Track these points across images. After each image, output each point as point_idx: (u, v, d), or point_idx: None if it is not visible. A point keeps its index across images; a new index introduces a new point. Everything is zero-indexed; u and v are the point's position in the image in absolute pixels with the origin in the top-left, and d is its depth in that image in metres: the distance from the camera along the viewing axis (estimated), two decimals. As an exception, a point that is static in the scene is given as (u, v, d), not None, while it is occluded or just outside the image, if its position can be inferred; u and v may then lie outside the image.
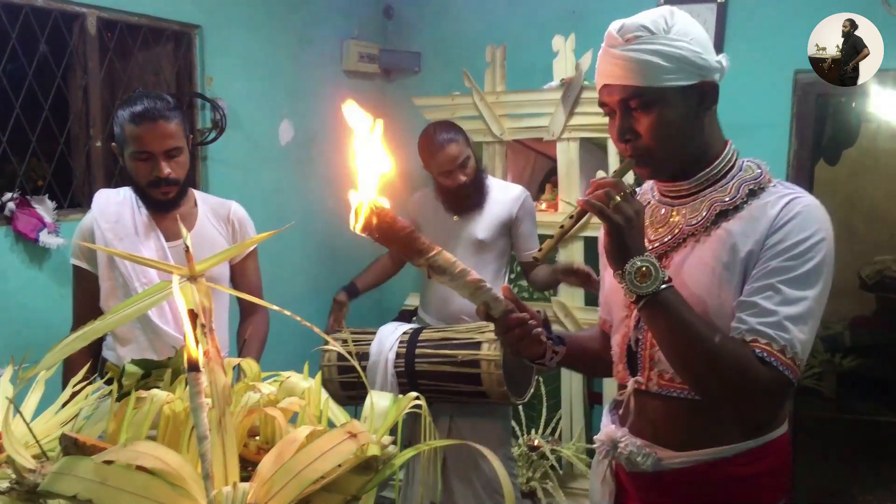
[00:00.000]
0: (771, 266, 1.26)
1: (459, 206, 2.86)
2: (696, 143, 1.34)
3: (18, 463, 0.95)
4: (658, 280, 1.23)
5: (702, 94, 1.31)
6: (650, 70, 1.26)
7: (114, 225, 2.11)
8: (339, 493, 0.91)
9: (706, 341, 1.24)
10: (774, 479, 1.40)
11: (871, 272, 5.59)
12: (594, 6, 3.65)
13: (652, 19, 1.29)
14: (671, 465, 1.38)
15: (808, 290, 1.25)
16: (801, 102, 3.39)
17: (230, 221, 2.26)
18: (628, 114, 1.31)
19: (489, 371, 2.54)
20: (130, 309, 0.97)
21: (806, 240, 1.26)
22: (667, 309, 1.25)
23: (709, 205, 1.34)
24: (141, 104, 2.02)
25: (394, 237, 1.15)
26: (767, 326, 1.23)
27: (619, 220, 1.24)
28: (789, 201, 1.29)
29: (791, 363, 1.22)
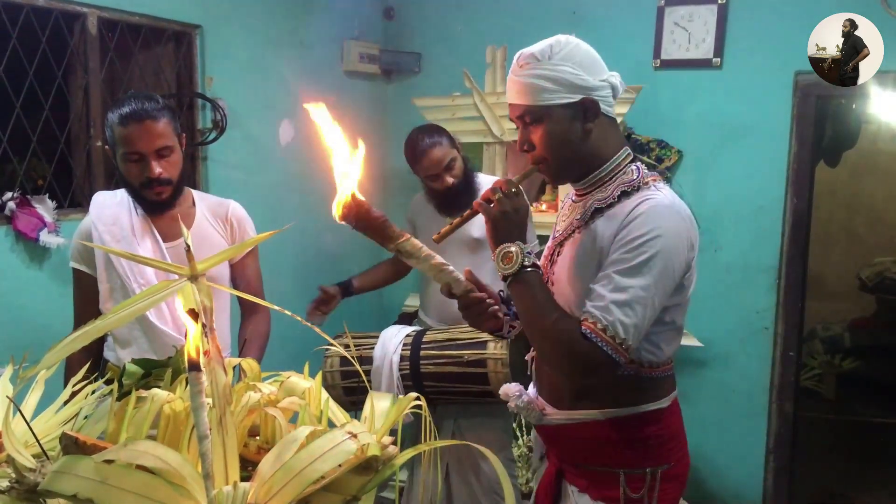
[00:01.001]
0: (612, 258, 1.47)
1: (451, 207, 2.86)
2: (586, 150, 1.56)
3: (18, 462, 0.95)
4: (517, 265, 1.49)
5: (584, 108, 1.52)
6: (535, 91, 1.51)
7: (111, 227, 2.11)
8: (339, 493, 0.91)
9: (546, 317, 1.48)
10: (657, 446, 1.59)
11: (871, 274, 5.60)
12: (594, 7, 3.65)
13: (540, 49, 1.52)
14: (553, 420, 1.64)
15: (637, 279, 1.43)
16: (801, 104, 3.39)
17: (229, 220, 2.25)
18: (525, 128, 1.56)
19: (496, 370, 2.54)
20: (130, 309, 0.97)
21: (642, 235, 1.44)
22: (523, 288, 1.50)
23: (590, 203, 1.57)
24: (128, 105, 2.01)
25: (368, 224, 1.37)
26: (596, 309, 1.44)
27: (495, 214, 1.51)
28: (641, 202, 1.49)
29: (612, 341, 1.42)
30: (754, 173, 3.47)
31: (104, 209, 2.14)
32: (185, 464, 0.83)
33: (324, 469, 0.86)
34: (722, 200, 3.52)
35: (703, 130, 3.55)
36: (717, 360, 3.60)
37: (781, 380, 3.54)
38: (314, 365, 1.37)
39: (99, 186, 2.93)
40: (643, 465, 1.58)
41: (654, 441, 1.60)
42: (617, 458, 1.59)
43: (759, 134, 3.45)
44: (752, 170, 3.46)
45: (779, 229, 3.47)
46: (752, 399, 3.57)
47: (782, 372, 3.54)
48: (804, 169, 3.43)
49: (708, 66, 3.50)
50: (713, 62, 3.49)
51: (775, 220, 3.47)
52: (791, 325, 3.51)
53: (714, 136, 3.53)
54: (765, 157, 3.45)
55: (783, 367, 3.54)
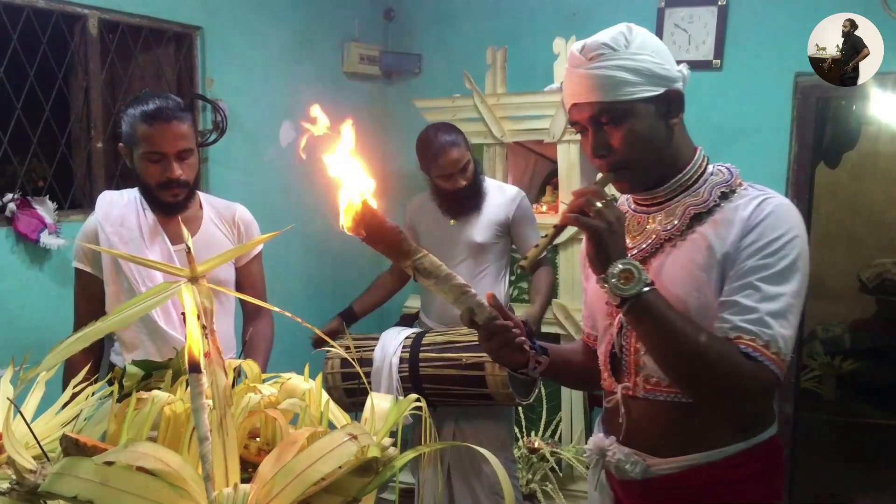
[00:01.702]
0: (748, 265, 1.28)
1: (457, 210, 2.84)
2: (668, 151, 1.38)
3: (19, 463, 0.95)
4: (641, 282, 1.25)
5: (668, 102, 1.35)
6: (616, 84, 1.30)
7: (118, 228, 2.08)
8: (340, 494, 0.91)
9: (692, 340, 1.26)
10: (766, 481, 1.40)
11: (872, 275, 5.60)
12: (595, 8, 3.66)
13: (612, 36, 1.34)
14: (660, 471, 1.39)
15: (786, 285, 1.27)
16: (801, 105, 3.39)
17: (236, 224, 2.24)
18: (600, 130, 1.35)
19: (494, 373, 2.54)
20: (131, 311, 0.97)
21: (779, 238, 1.28)
22: (651, 310, 1.27)
23: (682, 210, 1.38)
24: (154, 104, 2.00)
25: (381, 237, 1.18)
26: (750, 323, 1.25)
27: (601, 225, 1.27)
28: (761, 202, 1.33)
29: (776, 357, 1.25)
30: (754, 174, 3.41)
31: (112, 209, 2.12)
32: (186, 465, 0.83)
33: (324, 471, 0.86)
34: (722, 202, 3.51)
35: (703, 131, 3.51)
36: (717, 362, 3.59)
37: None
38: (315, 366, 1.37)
39: (99, 187, 2.93)
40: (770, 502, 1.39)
41: (771, 474, 1.41)
42: (735, 500, 1.37)
43: (759, 135, 3.45)
44: (753, 171, 3.42)
45: (779, 230, 3.47)
46: (753, 400, 3.57)
47: (782, 373, 3.53)
48: (804, 170, 3.43)
49: (708, 67, 3.50)
50: (713, 63, 3.49)
51: (775, 222, 3.46)
52: (791, 327, 3.51)
53: (714, 138, 3.53)
54: (765, 158, 3.45)
55: (783, 369, 3.53)
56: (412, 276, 1.22)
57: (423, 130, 2.87)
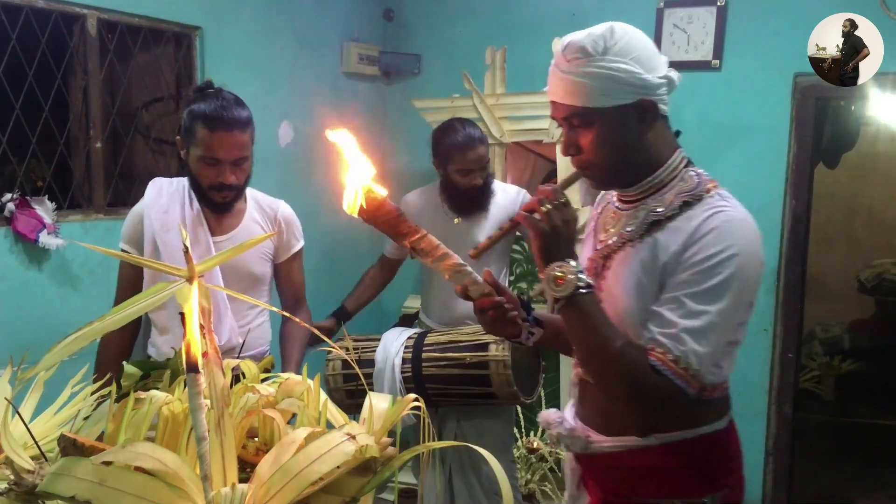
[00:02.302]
0: (680, 279, 1.31)
1: (465, 208, 2.84)
2: (639, 155, 1.40)
3: (17, 464, 0.95)
4: (572, 286, 1.31)
5: (641, 111, 1.35)
6: (587, 92, 1.32)
7: (162, 216, 2.13)
8: (338, 494, 0.91)
9: (608, 345, 1.32)
10: (709, 472, 1.45)
11: (870, 275, 5.60)
12: (594, 8, 3.66)
13: (592, 40, 1.33)
14: (600, 448, 1.48)
15: (711, 304, 1.28)
16: (800, 105, 3.39)
17: (277, 221, 2.27)
18: (572, 129, 1.39)
19: (498, 372, 2.54)
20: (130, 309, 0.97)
21: (716, 255, 1.29)
22: (579, 312, 1.33)
23: (645, 213, 1.40)
24: (216, 106, 2.00)
25: (380, 218, 1.25)
26: (666, 337, 1.29)
27: (544, 227, 1.33)
28: (711, 215, 1.33)
29: (684, 373, 1.28)
30: (753, 175, 3.46)
31: (158, 197, 2.17)
32: (184, 465, 0.83)
33: (322, 470, 0.86)
34: (721, 202, 3.51)
35: (702, 132, 3.55)
36: (716, 362, 3.60)
37: (780, 381, 3.54)
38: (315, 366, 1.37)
39: (98, 188, 2.93)
40: (702, 493, 1.43)
41: (714, 465, 1.46)
42: (673, 487, 1.43)
43: (758, 135, 3.45)
44: (752, 171, 3.46)
45: (778, 231, 3.47)
46: (751, 401, 3.57)
47: (781, 373, 3.54)
48: (803, 170, 3.43)
49: (707, 67, 3.50)
50: (712, 64, 3.49)
51: (774, 222, 3.47)
52: (790, 327, 3.52)
53: (713, 138, 3.53)
54: (764, 158, 3.45)
55: (782, 369, 3.54)
56: (410, 254, 1.29)
57: (445, 122, 2.86)
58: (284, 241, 2.28)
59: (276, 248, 2.28)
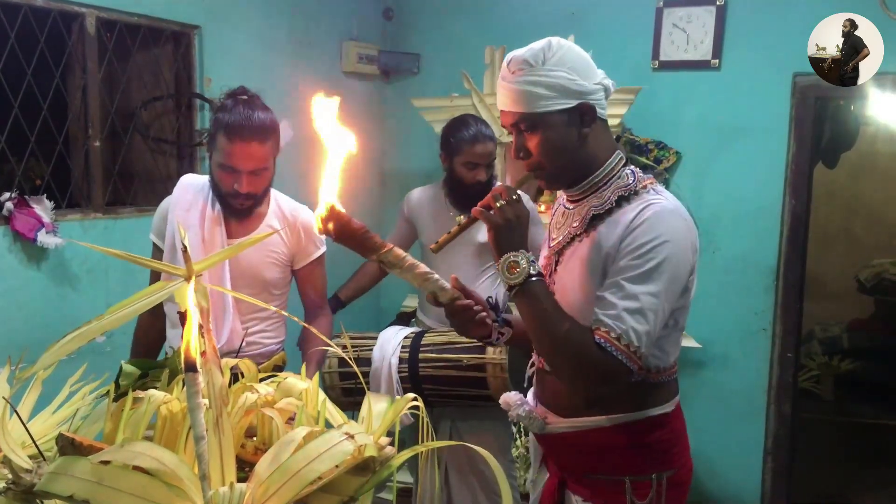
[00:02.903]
0: (620, 265, 1.44)
1: (466, 205, 2.84)
2: (581, 156, 1.53)
3: (15, 463, 0.95)
4: (524, 274, 1.45)
5: (581, 114, 1.49)
6: (531, 98, 1.47)
7: (184, 213, 2.16)
8: (337, 493, 0.91)
9: (556, 328, 1.45)
10: (656, 452, 1.57)
11: (870, 275, 5.60)
12: (592, 8, 3.65)
13: (533, 53, 1.48)
14: (556, 429, 1.61)
15: (648, 285, 1.42)
16: (799, 105, 3.39)
17: (296, 228, 2.27)
18: (520, 135, 1.53)
19: (495, 374, 2.54)
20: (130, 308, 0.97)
21: (649, 242, 1.43)
22: (529, 298, 1.46)
23: (586, 209, 1.55)
24: (239, 116, 2.02)
25: (348, 236, 1.34)
26: (608, 317, 1.42)
27: (498, 221, 1.47)
28: (644, 208, 1.47)
29: (625, 349, 1.40)
30: (753, 174, 3.47)
31: (185, 194, 2.20)
32: (182, 465, 0.83)
33: (321, 470, 0.86)
34: (720, 202, 3.52)
35: (701, 132, 3.55)
36: (715, 362, 3.60)
37: (780, 381, 3.54)
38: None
39: (97, 187, 2.93)
40: (649, 471, 1.55)
41: (660, 446, 1.58)
42: (622, 465, 1.56)
43: (757, 135, 3.45)
44: (751, 171, 3.46)
45: (777, 230, 3.47)
46: (751, 400, 3.57)
47: (780, 373, 3.54)
48: (802, 170, 3.43)
49: (706, 67, 3.50)
50: (711, 63, 3.49)
51: (774, 222, 3.47)
52: (789, 327, 3.52)
53: (712, 138, 3.53)
54: (763, 158, 3.45)
55: (781, 369, 3.54)
56: (379, 268, 1.39)
57: (458, 116, 2.90)
58: (303, 247, 2.28)
59: (293, 254, 2.28)
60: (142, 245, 2.44)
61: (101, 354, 2.76)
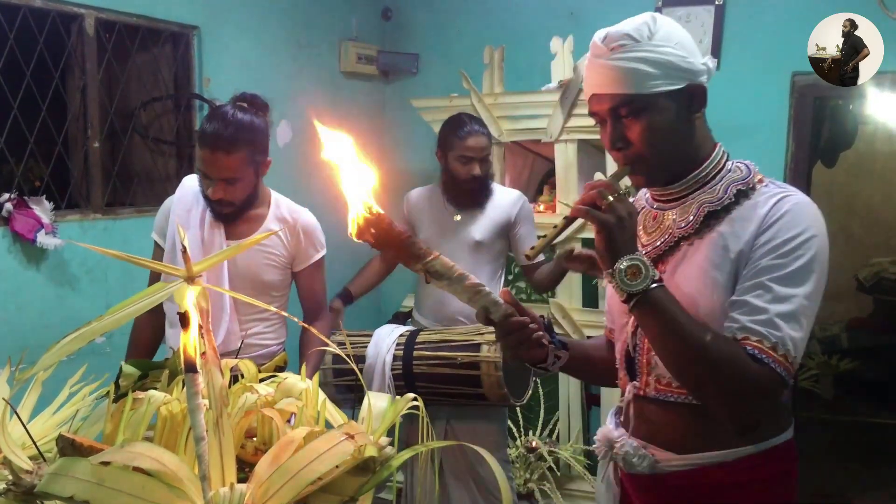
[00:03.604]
0: (761, 265, 1.25)
1: (462, 202, 2.86)
2: (688, 146, 1.35)
3: (15, 464, 0.95)
4: (648, 278, 1.23)
5: (690, 97, 1.32)
6: (637, 77, 1.28)
7: (184, 213, 2.18)
8: (337, 494, 0.91)
9: (697, 340, 1.23)
10: (778, 486, 1.37)
11: (868, 274, 5.60)
12: (592, 8, 3.66)
13: (635, 26, 1.30)
14: (668, 467, 1.37)
15: (799, 287, 1.25)
16: (798, 105, 3.40)
17: (296, 230, 2.27)
18: (619, 122, 1.32)
19: (489, 373, 2.54)
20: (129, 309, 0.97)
21: (795, 237, 1.26)
22: (657, 307, 1.24)
23: (697, 207, 1.35)
24: (213, 126, 2.03)
25: (390, 242, 1.16)
26: (758, 324, 1.23)
27: (610, 220, 1.24)
28: (778, 200, 1.29)
29: (783, 360, 1.21)
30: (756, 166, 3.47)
31: (186, 194, 2.22)
32: (182, 465, 0.83)
33: (321, 470, 0.86)
34: (719, 201, 3.52)
35: (700, 131, 3.55)
36: (714, 361, 3.60)
37: (779, 380, 3.54)
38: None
39: (97, 187, 2.93)
40: None
41: (783, 479, 1.37)
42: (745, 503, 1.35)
43: (756, 135, 3.45)
44: (750, 170, 3.47)
45: (776, 230, 3.47)
46: (750, 399, 3.57)
47: (780, 372, 3.53)
48: (801, 169, 3.43)
49: (705, 66, 3.50)
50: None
51: (773, 221, 3.47)
52: (788, 326, 3.51)
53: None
54: (762, 157, 3.38)
55: (781, 368, 3.53)
56: (425, 279, 1.21)
57: (454, 116, 2.94)
58: (303, 250, 2.28)
59: (293, 257, 2.28)
60: (141, 245, 2.45)
61: (101, 355, 2.76)
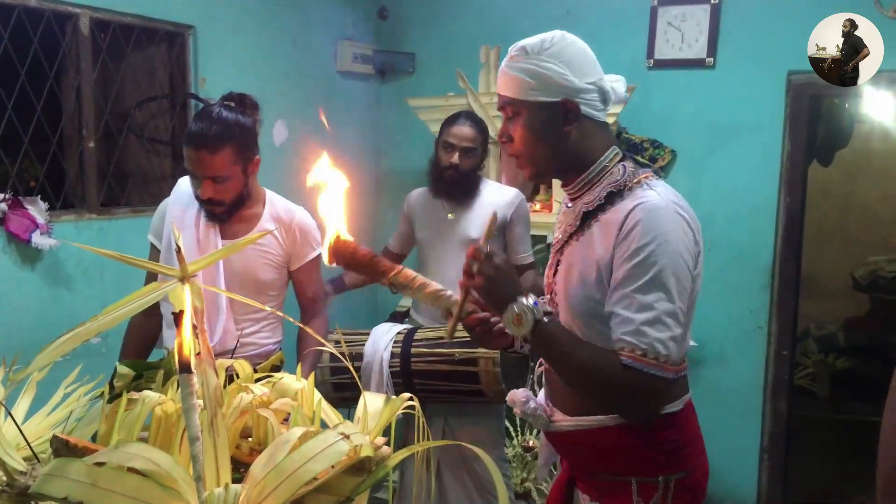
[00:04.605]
0: (621, 274, 1.41)
1: (450, 195, 2.87)
2: (565, 152, 1.52)
3: (9, 465, 0.94)
4: (528, 323, 1.42)
5: (564, 110, 1.48)
6: (516, 85, 1.49)
7: (180, 214, 2.18)
8: (332, 494, 0.91)
9: (579, 363, 1.44)
10: (671, 452, 1.52)
11: (865, 273, 5.61)
12: (587, 7, 3.65)
13: (534, 42, 1.49)
14: (562, 427, 1.58)
15: (657, 292, 1.39)
16: (794, 103, 3.40)
17: (292, 229, 2.27)
18: (508, 120, 1.54)
19: (487, 369, 2.54)
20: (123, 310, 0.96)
21: (646, 246, 1.39)
22: (545, 342, 1.45)
23: (580, 207, 1.53)
24: (198, 125, 2.04)
25: (357, 263, 1.39)
26: (629, 335, 1.39)
27: (482, 284, 1.44)
28: (634, 208, 1.42)
29: (655, 362, 1.37)
30: (747, 173, 3.47)
31: (182, 195, 2.22)
32: (177, 466, 0.82)
33: (316, 470, 0.86)
34: (715, 200, 3.52)
35: (696, 130, 3.55)
36: (711, 360, 3.60)
37: (775, 379, 3.55)
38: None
39: (92, 187, 2.92)
40: (656, 473, 1.50)
41: (668, 447, 1.52)
42: (628, 466, 1.51)
43: (752, 133, 3.45)
44: (746, 169, 3.47)
45: (772, 229, 3.48)
46: (746, 398, 3.58)
47: (776, 371, 3.54)
48: (797, 168, 3.44)
49: (701, 65, 3.51)
50: (706, 62, 3.49)
51: (769, 220, 3.48)
52: (785, 325, 3.52)
53: (707, 136, 3.54)
54: (758, 156, 3.45)
55: (777, 367, 3.54)
56: (391, 290, 1.44)
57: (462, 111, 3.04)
58: (298, 249, 2.28)
59: (289, 256, 2.28)
60: (137, 245, 2.44)
61: (96, 356, 2.75)
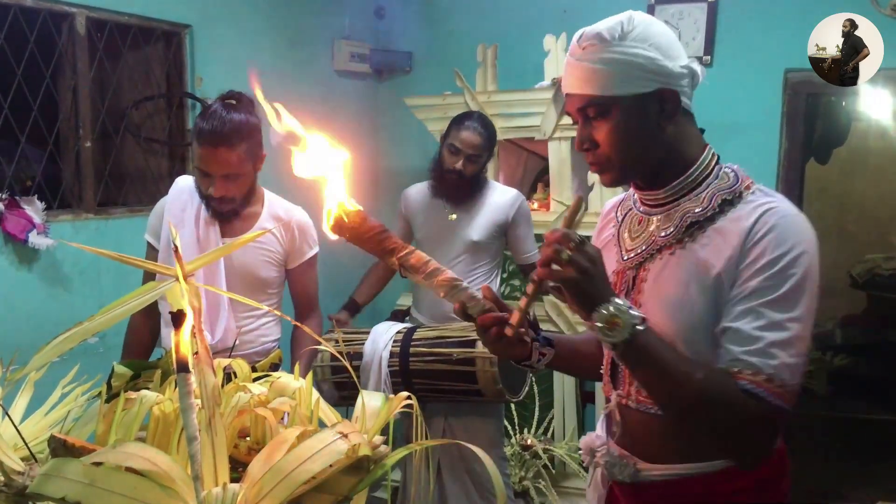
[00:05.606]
0: (750, 287, 1.19)
1: (451, 197, 2.85)
2: (662, 150, 1.30)
3: (7, 465, 0.94)
4: (628, 326, 1.16)
5: (661, 101, 1.27)
6: (601, 79, 1.25)
7: (179, 213, 2.18)
8: (331, 493, 0.91)
9: (688, 381, 1.19)
10: (764, 493, 1.33)
11: (862, 270, 5.61)
12: (585, 5, 3.64)
13: (608, 26, 1.27)
14: (650, 477, 1.34)
15: (793, 310, 1.19)
16: (791, 101, 3.40)
17: (290, 228, 2.28)
18: (587, 122, 1.29)
19: (484, 369, 2.54)
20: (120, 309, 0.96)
21: (784, 255, 1.20)
22: (641, 353, 1.19)
23: (681, 216, 1.29)
24: (210, 123, 2.03)
25: (364, 237, 1.16)
26: (752, 355, 1.17)
27: (574, 276, 1.16)
28: (763, 213, 1.23)
29: (780, 391, 1.16)
30: (745, 171, 3.47)
31: (181, 194, 2.22)
32: (175, 465, 0.82)
33: (314, 469, 0.86)
34: (713, 198, 3.52)
35: (693, 128, 3.56)
36: (709, 358, 3.60)
37: (773, 377, 3.54)
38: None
39: (89, 187, 2.92)
40: None
41: (769, 487, 1.33)
42: None
43: (749, 131, 3.46)
44: (743, 167, 3.46)
45: (770, 227, 3.48)
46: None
47: (774, 369, 3.54)
48: (794, 166, 3.44)
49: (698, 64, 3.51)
50: (703, 60, 3.50)
51: (766, 218, 3.48)
52: (782, 323, 3.52)
53: (704, 134, 3.53)
54: (755, 154, 3.45)
55: (775, 364, 3.54)
56: (399, 272, 1.20)
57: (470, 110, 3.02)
58: (297, 248, 2.29)
59: (287, 254, 2.28)
60: (134, 245, 2.44)
61: (93, 355, 2.75)
